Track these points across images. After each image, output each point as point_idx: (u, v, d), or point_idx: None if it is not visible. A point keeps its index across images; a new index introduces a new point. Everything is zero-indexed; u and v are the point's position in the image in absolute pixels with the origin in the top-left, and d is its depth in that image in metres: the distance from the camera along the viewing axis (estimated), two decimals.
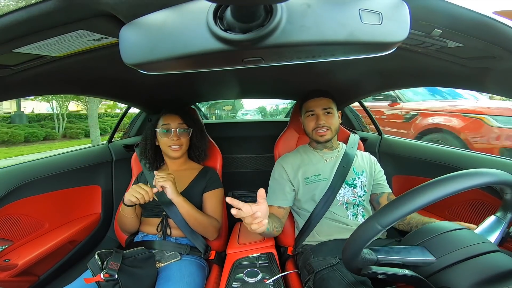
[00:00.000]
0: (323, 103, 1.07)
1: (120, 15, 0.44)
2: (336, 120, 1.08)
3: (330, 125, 1.06)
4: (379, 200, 1.11)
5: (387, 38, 0.35)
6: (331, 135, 1.07)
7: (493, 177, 0.51)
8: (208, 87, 1.37)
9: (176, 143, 1.10)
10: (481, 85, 0.75)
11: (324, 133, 1.06)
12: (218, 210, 1.12)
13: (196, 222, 1.01)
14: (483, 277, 0.47)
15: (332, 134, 1.08)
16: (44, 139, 10.69)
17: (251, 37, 0.33)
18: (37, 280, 1.07)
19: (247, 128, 2.16)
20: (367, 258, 0.52)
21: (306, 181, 1.06)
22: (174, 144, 1.10)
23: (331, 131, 1.07)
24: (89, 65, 0.75)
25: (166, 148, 1.11)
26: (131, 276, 0.83)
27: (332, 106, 1.08)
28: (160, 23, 0.38)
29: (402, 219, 0.99)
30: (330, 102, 1.08)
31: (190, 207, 0.99)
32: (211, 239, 1.10)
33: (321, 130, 1.06)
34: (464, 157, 1.11)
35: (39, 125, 11.66)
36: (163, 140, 1.11)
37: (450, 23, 0.49)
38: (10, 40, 0.50)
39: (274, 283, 0.82)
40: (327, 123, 1.06)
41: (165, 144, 1.10)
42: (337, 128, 1.10)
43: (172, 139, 1.09)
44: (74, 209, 1.27)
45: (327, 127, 1.06)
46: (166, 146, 1.10)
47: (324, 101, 1.08)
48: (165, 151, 1.12)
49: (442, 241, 0.55)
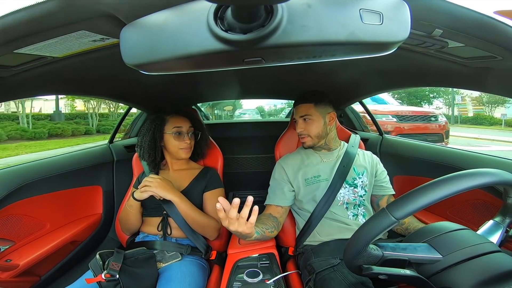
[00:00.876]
0: (302, 110, 1.07)
1: (121, 15, 0.44)
2: (316, 127, 1.06)
3: (308, 132, 1.06)
4: (379, 202, 1.10)
5: (388, 38, 0.35)
6: (312, 141, 1.07)
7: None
8: (208, 87, 1.37)
9: (188, 146, 1.12)
10: (482, 85, 0.75)
11: (304, 139, 1.08)
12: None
13: (194, 221, 1.01)
14: (485, 277, 0.47)
15: (313, 140, 1.07)
16: (85, 134, 12.86)
17: (252, 38, 0.33)
18: (39, 281, 1.07)
19: (247, 128, 2.16)
20: (373, 253, 0.52)
21: (306, 182, 1.06)
22: (186, 146, 1.11)
23: (311, 137, 1.07)
24: (90, 65, 0.75)
25: (176, 150, 1.11)
26: (132, 276, 0.83)
27: (311, 112, 1.05)
28: (160, 24, 0.38)
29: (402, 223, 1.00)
30: (309, 108, 1.06)
31: (188, 206, 1.00)
32: (211, 239, 1.10)
33: (301, 137, 1.09)
34: (466, 157, 1.11)
35: (74, 122, 13.72)
36: (174, 142, 1.11)
37: (451, 23, 0.49)
38: (11, 40, 0.50)
39: (275, 283, 0.82)
40: (305, 130, 1.06)
41: (176, 146, 1.11)
42: (318, 134, 1.07)
43: (185, 142, 1.11)
44: (75, 209, 1.27)
45: (305, 134, 1.07)
46: (177, 148, 1.11)
47: (302, 108, 1.07)
48: (175, 153, 1.12)
49: (447, 240, 0.55)
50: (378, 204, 1.10)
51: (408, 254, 0.53)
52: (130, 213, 1.02)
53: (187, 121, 1.14)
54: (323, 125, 1.07)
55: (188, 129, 1.13)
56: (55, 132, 11.33)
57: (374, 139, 1.60)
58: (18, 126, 10.98)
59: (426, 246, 0.55)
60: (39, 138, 10.56)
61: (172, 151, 1.12)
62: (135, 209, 1.02)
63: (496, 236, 0.61)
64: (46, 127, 11.33)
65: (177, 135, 1.10)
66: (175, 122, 1.12)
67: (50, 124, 11.86)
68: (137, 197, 0.97)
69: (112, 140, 1.59)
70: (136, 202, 1.00)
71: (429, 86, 1.11)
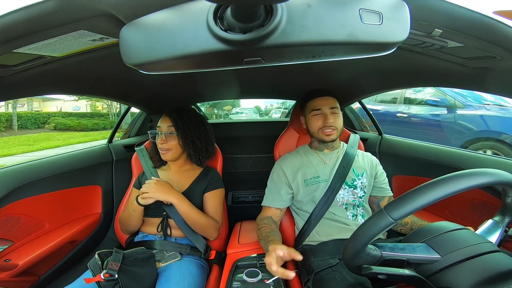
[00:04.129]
0: (331, 102, 1.06)
1: (121, 15, 0.44)
2: (341, 121, 1.07)
3: (337, 125, 1.05)
4: (380, 203, 1.10)
5: (388, 38, 0.35)
6: (336, 135, 1.06)
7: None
8: (208, 87, 1.37)
9: (163, 146, 1.08)
10: (481, 85, 0.75)
11: (331, 132, 1.04)
12: (219, 210, 1.11)
13: (194, 222, 1.01)
14: (483, 277, 0.47)
15: (338, 134, 1.07)
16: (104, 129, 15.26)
17: (251, 37, 0.33)
18: (38, 280, 1.07)
19: (247, 128, 2.16)
20: (371, 254, 0.52)
21: (305, 182, 1.06)
22: (162, 147, 1.08)
23: (337, 131, 1.06)
24: (89, 65, 0.75)
25: (159, 150, 1.10)
26: (131, 276, 0.83)
27: (338, 106, 1.07)
28: (160, 23, 0.38)
29: (403, 223, 1.00)
30: (336, 101, 1.07)
31: (188, 207, 0.99)
32: (211, 239, 1.10)
33: (328, 130, 1.04)
34: (465, 157, 1.11)
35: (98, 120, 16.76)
36: (156, 142, 1.10)
37: (451, 23, 0.49)
38: (11, 40, 0.50)
39: (274, 283, 0.82)
40: (335, 123, 1.04)
41: (158, 146, 1.10)
42: (342, 129, 1.09)
43: (160, 142, 1.08)
44: (74, 209, 1.27)
45: (334, 127, 1.04)
46: (159, 148, 1.10)
47: (331, 101, 1.06)
48: (161, 154, 1.11)
49: (446, 240, 0.55)
50: (379, 205, 1.10)
51: (407, 254, 0.53)
52: (133, 216, 1.02)
53: (167, 121, 1.08)
54: (342, 121, 1.08)
55: (166, 128, 1.08)
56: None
57: (374, 139, 1.60)
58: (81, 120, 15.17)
59: (424, 246, 0.55)
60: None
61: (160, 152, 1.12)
62: (138, 213, 1.02)
63: (495, 236, 0.61)
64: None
65: (155, 135, 1.10)
66: (160, 122, 1.10)
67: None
68: (142, 203, 0.97)
69: (111, 139, 1.59)
70: (140, 207, 0.99)
71: (428, 86, 1.11)
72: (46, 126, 13.81)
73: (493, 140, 2.96)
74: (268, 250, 0.77)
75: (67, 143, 9.72)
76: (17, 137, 11.29)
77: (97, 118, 16.63)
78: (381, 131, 1.63)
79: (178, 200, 0.98)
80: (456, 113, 3.32)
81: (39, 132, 12.72)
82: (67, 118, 15.01)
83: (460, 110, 3.30)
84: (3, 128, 11.84)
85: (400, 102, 4.22)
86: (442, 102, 3.48)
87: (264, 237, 0.93)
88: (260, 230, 0.98)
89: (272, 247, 0.76)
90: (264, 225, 1.00)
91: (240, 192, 1.93)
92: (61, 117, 14.81)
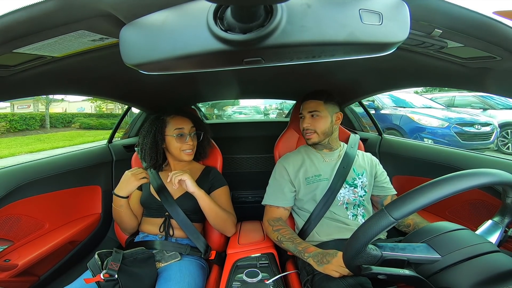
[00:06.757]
0: (312, 106, 1.08)
1: (120, 15, 0.44)
2: (324, 123, 1.06)
3: (314, 128, 1.06)
4: (384, 202, 1.10)
5: (387, 38, 0.35)
6: (317, 138, 1.08)
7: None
8: (208, 87, 1.37)
9: (190, 147, 1.09)
10: (481, 85, 0.75)
11: (310, 136, 1.08)
12: (230, 205, 1.13)
13: (217, 216, 1.01)
14: (483, 277, 0.47)
15: (319, 137, 1.07)
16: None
17: (251, 38, 0.33)
18: (37, 280, 1.07)
19: (247, 128, 2.16)
20: (372, 253, 0.52)
21: (307, 181, 1.06)
22: (188, 148, 1.09)
23: (317, 134, 1.07)
24: (89, 65, 0.75)
25: (178, 152, 1.08)
26: (131, 276, 0.83)
27: (321, 109, 1.06)
28: (160, 23, 0.38)
29: (404, 223, 1.00)
30: (319, 105, 1.07)
31: (211, 201, 1.00)
32: (229, 235, 1.11)
33: (307, 133, 1.09)
34: (465, 157, 1.11)
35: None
36: (176, 144, 1.07)
37: (450, 23, 0.49)
38: (11, 40, 0.50)
39: (274, 283, 0.82)
40: (312, 126, 1.07)
41: (178, 148, 1.08)
42: (325, 131, 1.07)
43: (187, 144, 1.08)
44: (74, 209, 1.27)
45: (312, 130, 1.07)
46: (179, 150, 1.08)
47: (312, 104, 1.08)
48: (177, 155, 1.09)
49: (446, 240, 0.55)
50: (383, 204, 1.10)
51: (407, 254, 0.53)
52: (121, 212, 1.00)
53: (188, 122, 1.11)
54: (329, 123, 1.08)
55: (190, 129, 1.10)
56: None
57: (374, 139, 1.60)
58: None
59: (425, 246, 0.55)
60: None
61: (175, 154, 1.10)
62: (126, 208, 1.00)
63: (495, 236, 0.61)
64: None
65: (179, 137, 1.08)
66: (176, 123, 1.09)
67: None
68: (122, 194, 0.96)
69: (111, 140, 1.59)
70: (123, 199, 0.98)
71: (428, 86, 1.11)
72: (72, 125, 15.25)
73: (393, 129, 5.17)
74: (330, 261, 0.80)
75: (97, 139, 10.71)
76: (52, 134, 12.43)
77: (112, 118, 17.50)
78: (381, 131, 1.63)
79: (203, 193, 0.98)
80: (380, 113, 5.43)
81: (68, 131, 14.05)
82: (88, 118, 16.45)
83: (383, 111, 5.42)
84: (38, 127, 13.12)
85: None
86: (370, 105, 5.36)
87: (289, 238, 0.94)
88: (278, 232, 0.98)
89: (336, 263, 0.79)
90: (282, 227, 1.00)
91: (240, 192, 1.93)
92: (83, 117, 16.24)
